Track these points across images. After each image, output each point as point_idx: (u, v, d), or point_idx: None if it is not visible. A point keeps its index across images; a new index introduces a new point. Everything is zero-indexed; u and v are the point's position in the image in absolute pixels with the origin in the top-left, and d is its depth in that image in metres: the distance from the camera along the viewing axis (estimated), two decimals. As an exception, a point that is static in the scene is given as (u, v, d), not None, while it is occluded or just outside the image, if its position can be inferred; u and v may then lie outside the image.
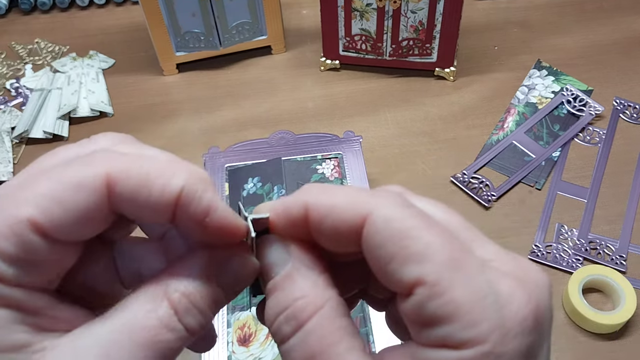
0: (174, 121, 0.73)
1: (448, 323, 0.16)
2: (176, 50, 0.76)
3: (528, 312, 0.17)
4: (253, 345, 0.48)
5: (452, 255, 0.17)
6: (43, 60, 0.82)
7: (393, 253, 0.17)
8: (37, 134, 0.71)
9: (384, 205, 0.18)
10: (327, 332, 0.18)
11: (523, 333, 0.17)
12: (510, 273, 0.18)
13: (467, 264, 0.17)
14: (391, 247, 0.17)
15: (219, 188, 0.58)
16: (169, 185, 0.19)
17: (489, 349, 0.16)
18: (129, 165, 0.19)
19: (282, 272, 0.20)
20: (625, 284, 0.52)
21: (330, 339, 0.18)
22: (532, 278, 0.18)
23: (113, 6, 0.90)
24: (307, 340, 0.18)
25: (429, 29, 0.69)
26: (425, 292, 0.17)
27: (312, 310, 0.18)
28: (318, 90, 0.75)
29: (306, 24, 0.84)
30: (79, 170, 0.19)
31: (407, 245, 0.17)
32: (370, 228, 0.18)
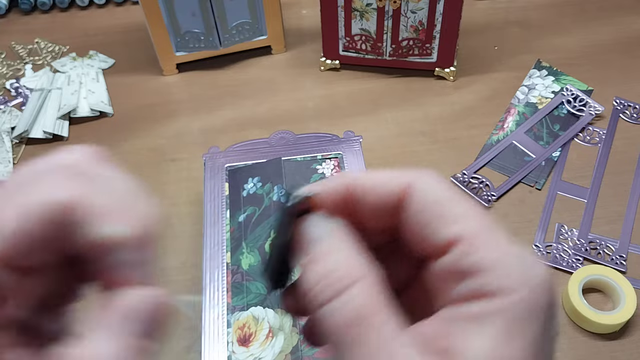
0: (174, 121, 0.73)
1: (482, 274, 0.18)
2: (176, 50, 0.76)
3: (549, 278, 0.19)
4: (253, 345, 0.48)
5: (485, 221, 0.20)
6: (43, 60, 0.82)
7: (434, 215, 0.19)
8: (37, 134, 0.71)
9: (425, 175, 0.20)
10: (365, 303, 0.18)
11: (545, 292, 0.18)
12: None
13: (497, 230, 0.20)
14: (433, 209, 0.19)
15: (219, 188, 0.58)
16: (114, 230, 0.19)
17: (520, 298, 0.17)
18: (90, 194, 0.19)
19: (325, 244, 0.20)
20: (625, 284, 0.52)
21: (368, 309, 0.18)
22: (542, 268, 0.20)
23: (113, 6, 0.90)
24: (344, 308, 0.18)
25: (429, 29, 0.69)
26: (463, 248, 0.19)
27: (352, 279, 0.19)
28: (318, 90, 0.75)
29: (306, 24, 0.84)
30: (39, 192, 0.19)
31: (448, 208, 0.19)
32: (413, 194, 0.20)
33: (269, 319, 0.49)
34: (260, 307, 0.49)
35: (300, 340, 0.47)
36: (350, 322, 0.18)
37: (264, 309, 0.49)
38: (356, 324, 0.18)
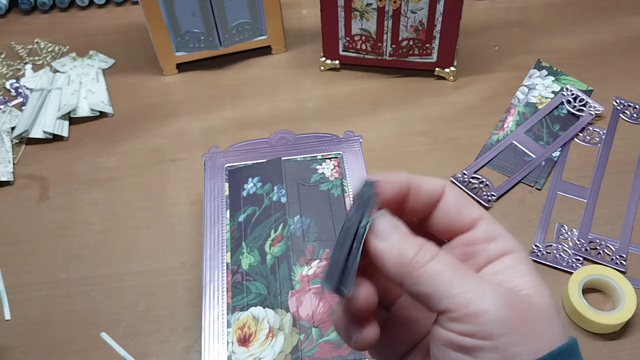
0: (174, 121, 0.73)
1: (499, 239, 0.27)
2: (176, 50, 0.76)
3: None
4: (253, 345, 0.48)
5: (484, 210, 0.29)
6: (43, 60, 0.82)
7: (462, 206, 0.28)
8: (37, 134, 0.71)
9: (449, 183, 0.28)
10: (447, 267, 0.24)
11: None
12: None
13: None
14: (461, 203, 0.28)
15: (219, 188, 0.58)
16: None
17: (522, 250, 0.27)
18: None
19: (399, 234, 0.26)
20: (625, 284, 0.52)
21: (447, 270, 0.24)
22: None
23: (113, 6, 0.90)
24: (432, 272, 0.24)
25: (429, 29, 0.69)
26: (486, 222, 0.27)
27: (432, 255, 0.25)
28: (318, 90, 0.75)
29: (306, 24, 0.84)
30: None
31: (469, 202, 0.28)
32: (448, 192, 0.28)
33: (269, 319, 0.49)
34: (260, 307, 0.49)
35: (300, 340, 0.47)
36: (445, 270, 0.24)
37: (264, 309, 0.49)
38: (451, 270, 0.24)
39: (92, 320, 0.56)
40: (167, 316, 0.56)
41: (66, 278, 0.59)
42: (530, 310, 0.24)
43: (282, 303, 0.49)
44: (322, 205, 0.56)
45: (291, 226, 0.54)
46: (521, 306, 0.24)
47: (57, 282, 0.59)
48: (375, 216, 0.26)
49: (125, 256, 0.61)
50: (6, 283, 0.59)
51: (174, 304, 0.56)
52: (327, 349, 0.47)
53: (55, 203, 0.66)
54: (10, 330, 0.56)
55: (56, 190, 0.67)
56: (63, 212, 0.65)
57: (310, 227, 0.54)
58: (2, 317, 0.57)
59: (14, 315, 0.57)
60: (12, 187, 0.68)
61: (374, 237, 0.26)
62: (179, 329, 0.55)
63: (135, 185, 0.67)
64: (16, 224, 0.64)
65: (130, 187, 0.67)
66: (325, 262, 0.52)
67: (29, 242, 0.63)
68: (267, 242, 0.53)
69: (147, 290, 0.58)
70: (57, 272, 0.60)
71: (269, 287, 0.50)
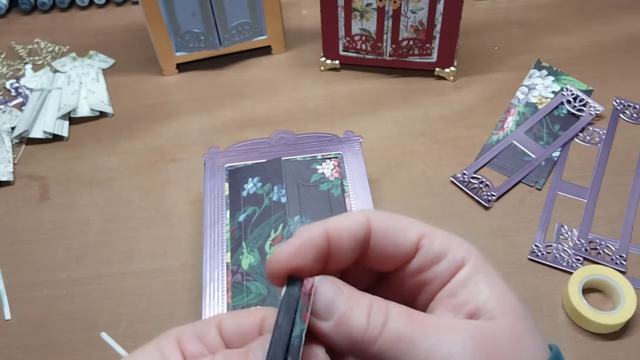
0: (174, 121, 0.73)
1: (449, 254, 0.24)
2: (176, 50, 0.76)
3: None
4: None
5: (425, 223, 0.25)
6: (43, 60, 0.82)
7: (396, 231, 0.24)
8: (37, 133, 0.71)
9: (373, 211, 0.25)
10: (404, 314, 0.22)
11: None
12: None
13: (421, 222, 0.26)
14: (395, 228, 0.24)
15: (219, 188, 0.58)
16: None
17: (477, 256, 0.24)
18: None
19: (341, 302, 0.23)
20: (625, 284, 0.52)
21: (409, 317, 0.22)
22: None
23: (113, 6, 0.90)
24: (396, 327, 0.22)
25: (429, 29, 0.69)
26: (427, 241, 0.24)
27: (384, 317, 0.22)
28: (318, 90, 0.75)
29: (306, 24, 0.84)
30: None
31: (403, 224, 0.25)
32: (375, 224, 0.24)
33: (269, 319, 0.49)
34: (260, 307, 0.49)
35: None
36: (404, 333, 0.22)
37: (264, 309, 0.49)
38: (409, 331, 0.22)
39: (92, 320, 0.56)
40: (167, 316, 0.56)
41: (66, 278, 0.59)
42: (497, 342, 0.22)
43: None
44: (322, 205, 0.56)
45: (291, 226, 0.54)
46: (488, 342, 0.22)
47: (57, 282, 0.59)
48: (315, 286, 0.23)
49: (125, 256, 0.61)
50: (6, 283, 0.59)
51: (174, 304, 0.56)
52: (327, 349, 0.47)
53: (55, 203, 0.66)
54: (10, 330, 0.56)
55: (56, 190, 0.67)
56: (63, 212, 0.65)
57: (310, 227, 0.54)
58: (2, 317, 0.57)
59: (14, 315, 0.57)
60: (12, 187, 0.68)
61: (316, 319, 0.23)
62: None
63: (135, 185, 0.67)
64: (16, 223, 0.64)
65: (130, 187, 0.67)
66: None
67: (29, 242, 0.63)
68: (267, 242, 0.53)
69: (147, 290, 0.58)
70: (57, 272, 0.60)
71: (269, 287, 0.50)
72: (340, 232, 0.24)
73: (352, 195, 0.56)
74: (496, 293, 0.23)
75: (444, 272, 0.24)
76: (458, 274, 0.24)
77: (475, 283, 0.23)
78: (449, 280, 0.24)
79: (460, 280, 0.24)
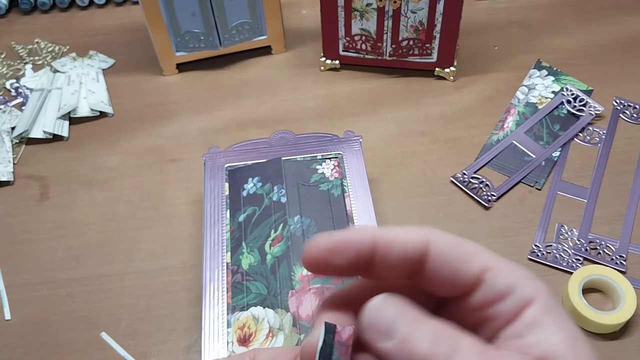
0: (174, 121, 0.73)
1: (515, 291, 0.22)
2: (176, 50, 0.76)
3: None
4: (253, 345, 0.48)
5: (491, 253, 0.23)
6: (43, 60, 0.82)
7: (458, 259, 0.22)
8: (37, 134, 0.71)
9: (434, 231, 0.23)
10: (474, 347, 0.20)
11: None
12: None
13: (494, 253, 0.23)
14: (457, 255, 0.22)
15: (219, 188, 0.58)
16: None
17: (546, 295, 0.22)
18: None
19: (406, 323, 0.21)
20: (625, 284, 0.52)
21: (477, 349, 0.20)
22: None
23: (113, 6, 0.90)
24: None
25: (429, 28, 0.69)
26: (493, 274, 0.22)
27: (454, 339, 0.20)
28: (318, 90, 0.75)
29: (306, 24, 0.84)
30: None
31: (464, 251, 0.22)
32: (434, 248, 0.22)
33: (269, 318, 0.49)
34: (260, 307, 0.49)
35: (300, 340, 0.47)
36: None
37: (264, 308, 0.49)
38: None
39: (92, 320, 0.56)
40: (167, 316, 0.56)
41: (66, 278, 0.59)
42: None
43: (282, 303, 0.49)
44: (322, 205, 0.56)
45: (291, 226, 0.54)
46: None
47: (57, 282, 0.59)
48: (375, 304, 0.21)
49: (125, 256, 0.61)
50: (6, 283, 0.59)
51: (174, 304, 0.56)
52: None
53: (55, 203, 0.66)
54: (10, 330, 0.56)
55: (56, 190, 0.67)
56: (63, 212, 0.65)
57: (310, 227, 0.54)
58: (2, 317, 0.57)
59: (13, 315, 0.57)
60: (12, 187, 0.68)
61: (377, 337, 0.21)
62: (179, 329, 0.55)
63: (135, 185, 0.67)
64: (16, 223, 0.64)
65: (130, 187, 0.67)
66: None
67: (29, 242, 0.63)
68: (267, 242, 0.53)
69: (147, 290, 0.58)
70: (57, 272, 0.60)
71: (269, 287, 0.50)
72: (390, 245, 0.22)
73: (352, 195, 0.56)
74: (567, 337, 0.21)
75: (509, 310, 0.22)
76: (525, 314, 0.21)
77: (545, 325, 0.21)
78: (514, 320, 0.22)
79: (527, 321, 0.21)
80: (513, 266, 0.23)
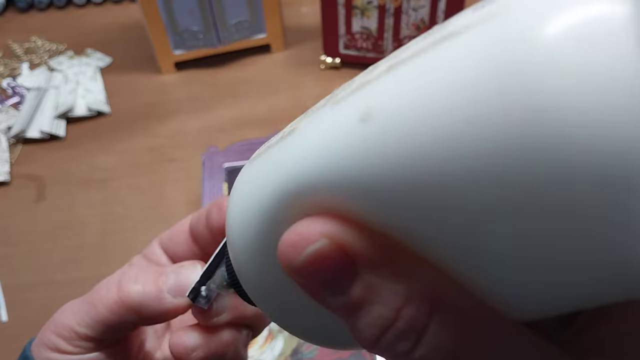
0: (172, 120, 0.73)
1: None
2: (174, 48, 0.76)
3: None
4: (253, 348, 0.47)
5: None
6: (40, 59, 0.82)
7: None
8: (34, 133, 0.70)
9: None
10: (461, 327, 0.14)
11: None
12: None
13: None
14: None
15: (217, 188, 0.58)
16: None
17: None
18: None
19: (362, 280, 0.14)
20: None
21: (471, 331, 0.14)
22: None
23: (110, 4, 0.90)
24: (439, 347, 0.14)
25: (430, 27, 0.69)
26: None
27: (426, 312, 0.14)
28: (318, 89, 0.75)
29: (306, 22, 0.84)
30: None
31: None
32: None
33: (268, 321, 0.48)
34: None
35: (299, 343, 0.47)
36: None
37: (263, 310, 0.49)
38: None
39: (89, 322, 0.55)
40: (166, 318, 0.55)
41: (63, 279, 0.59)
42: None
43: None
44: (323, 206, 0.55)
45: (291, 227, 0.53)
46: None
47: (54, 283, 0.58)
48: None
49: (123, 257, 0.60)
50: (3, 284, 0.59)
51: (173, 305, 0.56)
52: (327, 352, 0.46)
53: (52, 203, 0.65)
54: (7, 332, 0.55)
55: (53, 190, 0.66)
56: (60, 212, 0.64)
57: (310, 227, 0.53)
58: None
59: (10, 317, 0.56)
60: (9, 187, 0.67)
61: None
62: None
63: (133, 185, 0.66)
64: (13, 224, 0.64)
65: (128, 187, 0.66)
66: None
67: (26, 242, 0.62)
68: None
69: (145, 292, 0.57)
70: (54, 273, 0.59)
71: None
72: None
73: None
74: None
75: None
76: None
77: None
78: None
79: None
80: None
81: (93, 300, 0.25)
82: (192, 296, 0.24)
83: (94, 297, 0.26)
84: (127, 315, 0.24)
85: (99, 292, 0.26)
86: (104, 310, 0.25)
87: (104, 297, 0.25)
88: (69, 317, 0.27)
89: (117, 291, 0.25)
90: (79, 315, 0.26)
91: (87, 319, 0.25)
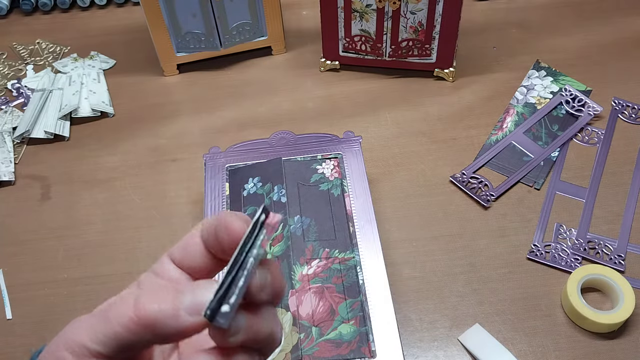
0: (174, 121, 0.73)
1: None
2: (177, 50, 0.76)
3: None
4: (253, 344, 0.48)
5: None
6: (44, 61, 0.83)
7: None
8: (39, 134, 0.71)
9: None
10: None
11: None
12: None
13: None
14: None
15: (219, 188, 0.59)
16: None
17: None
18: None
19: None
20: (623, 284, 0.53)
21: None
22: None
23: (114, 7, 0.90)
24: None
25: (428, 29, 0.70)
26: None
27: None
28: (318, 91, 0.76)
29: (306, 24, 0.84)
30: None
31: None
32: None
33: (269, 318, 0.49)
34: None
35: (300, 339, 0.47)
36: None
37: (264, 308, 0.49)
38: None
39: (93, 319, 0.56)
40: (168, 315, 0.56)
41: (67, 278, 0.59)
42: None
43: (282, 302, 0.49)
44: (322, 205, 0.56)
45: (291, 226, 0.54)
46: None
47: (58, 281, 0.59)
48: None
49: (126, 256, 0.61)
50: (7, 282, 0.59)
51: (175, 303, 0.57)
52: (327, 348, 0.47)
53: (56, 203, 0.66)
54: (11, 330, 0.56)
55: (57, 190, 0.67)
56: (64, 211, 0.65)
57: (310, 226, 0.54)
58: (3, 316, 0.57)
59: (15, 315, 0.57)
60: (14, 187, 0.68)
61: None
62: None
63: (136, 185, 0.67)
64: (17, 223, 0.64)
65: (131, 187, 0.67)
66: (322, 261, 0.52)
67: (30, 241, 0.63)
68: (268, 243, 0.53)
69: (147, 290, 0.58)
70: (58, 272, 0.60)
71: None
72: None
73: (352, 195, 0.57)
74: None
75: None
76: None
77: None
78: None
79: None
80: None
81: (107, 317, 0.25)
82: (210, 314, 0.23)
83: (108, 313, 0.25)
84: (142, 332, 0.24)
85: (112, 309, 0.25)
86: (118, 327, 0.24)
87: (119, 314, 0.24)
88: (81, 333, 0.26)
89: (133, 308, 0.24)
90: (91, 332, 0.25)
91: (100, 336, 0.25)
